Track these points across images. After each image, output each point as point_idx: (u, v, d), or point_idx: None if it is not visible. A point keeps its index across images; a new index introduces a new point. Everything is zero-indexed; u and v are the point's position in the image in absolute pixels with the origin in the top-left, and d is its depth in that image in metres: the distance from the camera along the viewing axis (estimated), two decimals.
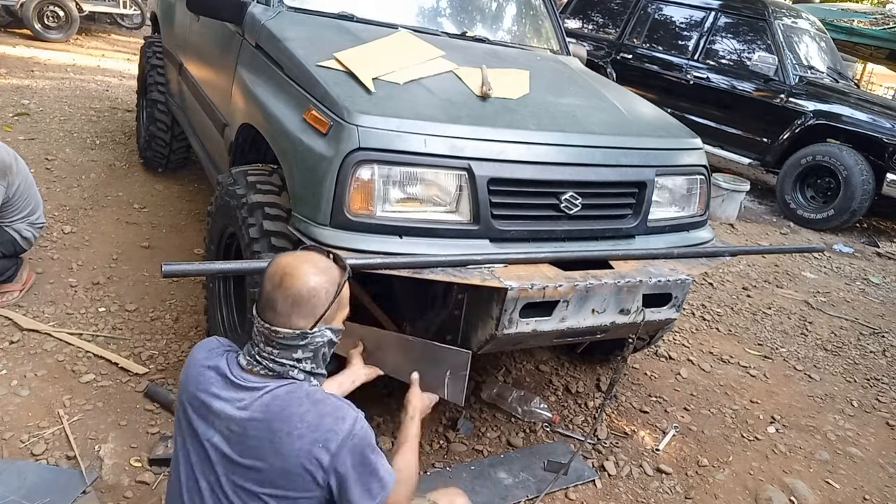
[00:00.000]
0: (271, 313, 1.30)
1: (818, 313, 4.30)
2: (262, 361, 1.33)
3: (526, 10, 3.45)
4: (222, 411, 1.30)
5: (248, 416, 1.28)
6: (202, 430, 1.32)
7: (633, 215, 2.19)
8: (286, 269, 1.31)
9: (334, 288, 1.34)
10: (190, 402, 1.35)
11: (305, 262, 1.33)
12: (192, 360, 1.40)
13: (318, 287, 1.31)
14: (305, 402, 1.29)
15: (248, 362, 1.34)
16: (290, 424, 1.26)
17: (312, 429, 1.26)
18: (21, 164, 2.86)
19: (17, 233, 2.84)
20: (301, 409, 1.28)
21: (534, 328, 1.88)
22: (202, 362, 1.39)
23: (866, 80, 17.99)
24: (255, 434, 1.27)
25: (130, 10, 10.66)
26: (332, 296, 1.33)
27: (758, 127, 6.61)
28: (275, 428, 1.26)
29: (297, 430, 1.25)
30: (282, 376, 1.33)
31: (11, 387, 2.32)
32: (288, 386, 1.31)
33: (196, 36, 3.38)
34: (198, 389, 1.35)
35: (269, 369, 1.32)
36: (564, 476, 2.29)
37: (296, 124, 1.96)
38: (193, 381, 1.36)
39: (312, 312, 1.31)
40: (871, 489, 2.60)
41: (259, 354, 1.33)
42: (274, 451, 1.26)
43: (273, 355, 1.32)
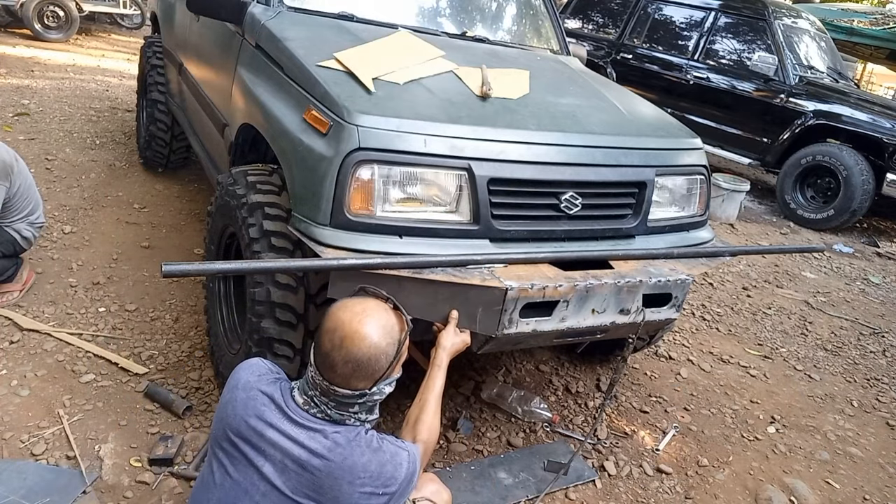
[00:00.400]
0: (330, 373, 1.29)
1: (818, 313, 4.30)
2: (320, 406, 1.32)
3: (526, 10, 3.45)
4: (277, 443, 1.28)
5: (307, 458, 1.27)
6: (252, 455, 1.30)
7: (633, 215, 2.19)
8: (346, 331, 1.27)
9: (395, 349, 1.32)
10: (238, 425, 1.32)
11: (367, 324, 1.29)
12: (239, 382, 1.37)
13: (379, 352, 1.29)
14: (367, 451, 1.30)
15: (306, 402, 1.33)
16: (352, 474, 1.27)
17: (374, 478, 1.28)
18: (21, 165, 2.86)
19: (17, 233, 2.84)
20: (363, 459, 1.28)
21: (534, 328, 1.88)
22: (253, 385, 1.35)
23: (866, 80, 17.99)
24: (313, 476, 1.27)
25: (130, 10, 10.67)
26: (392, 358, 1.32)
27: (758, 127, 6.61)
28: (336, 475, 1.26)
29: (358, 480, 1.27)
30: (339, 423, 1.33)
31: (11, 387, 2.32)
32: (347, 433, 1.31)
33: (196, 36, 3.38)
34: (248, 414, 1.31)
35: (326, 415, 1.32)
36: (564, 476, 2.29)
37: (296, 124, 1.96)
38: (242, 405, 1.33)
39: (372, 376, 1.31)
40: (871, 489, 2.60)
41: (315, 399, 1.32)
42: (332, 497, 1.26)
43: (329, 406, 1.32)
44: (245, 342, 2.12)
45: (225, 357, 2.35)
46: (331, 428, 1.30)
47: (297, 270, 1.88)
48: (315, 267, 1.74)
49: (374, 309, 1.34)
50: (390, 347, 1.31)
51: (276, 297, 1.94)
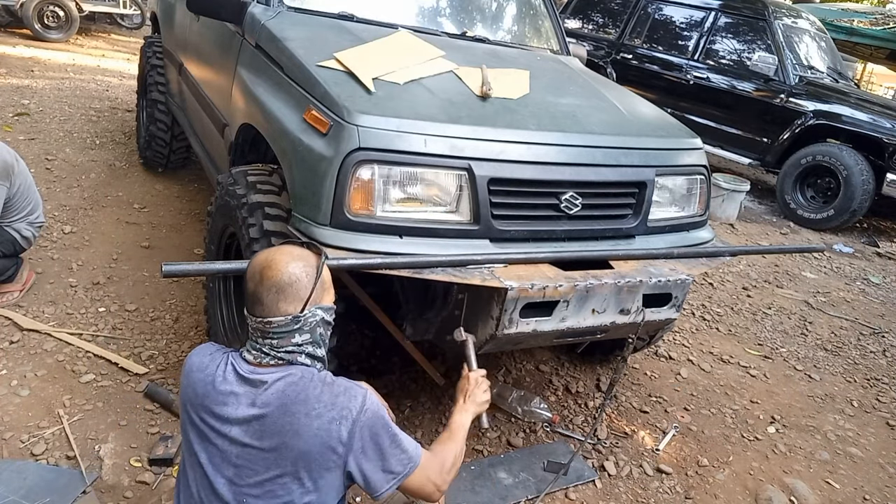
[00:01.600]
0: (259, 307, 1.34)
1: (818, 313, 4.30)
2: (269, 352, 1.36)
3: (526, 10, 3.45)
4: (238, 406, 1.33)
5: (265, 403, 1.32)
6: (218, 426, 1.34)
7: (633, 215, 2.19)
8: (264, 264, 1.35)
9: (314, 270, 1.39)
10: (200, 402, 1.37)
11: (280, 254, 1.38)
12: (193, 366, 1.42)
13: (297, 272, 1.35)
14: (319, 384, 1.35)
15: (256, 356, 1.37)
16: (307, 406, 1.31)
17: (329, 407, 1.32)
18: (22, 165, 2.86)
19: (17, 232, 2.84)
20: (316, 391, 1.33)
21: (534, 328, 1.88)
22: (207, 363, 1.40)
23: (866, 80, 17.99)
24: (274, 419, 1.31)
25: (130, 10, 10.66)
26: (313, 278, 1.38)
27: (758, 127, 6.61)
28: (293, 411, 1.31)
29: (314, 411, 1.31)
30: (291, 363, 1.37)
31: (11, 387, 2.32)
32: (300, 371, 1.36)
33: (196, 36, 3.38)
34: (207, 389, 1.36)
35: (277, 359, 1.36)
36: (564, 476, 2.29)
37: (296, 124, 1.96)
38: (201, 383, 1.38)
39: (297, 296, 1.35)
40: (872, 489, 2.60)
41: (263, 347, 1.37)
42: (294, 432, 1.30)
43: (275, 346, 1.36)
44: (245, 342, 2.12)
45: None
46: (284, 371, 1.35)
47: None
48: None
49: (285, 246, 1.43)
50: (308, 269, 1.37)
51: None
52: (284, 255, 1.37)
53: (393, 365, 2.77)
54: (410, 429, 2.44)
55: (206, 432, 1.36)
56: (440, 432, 2.44)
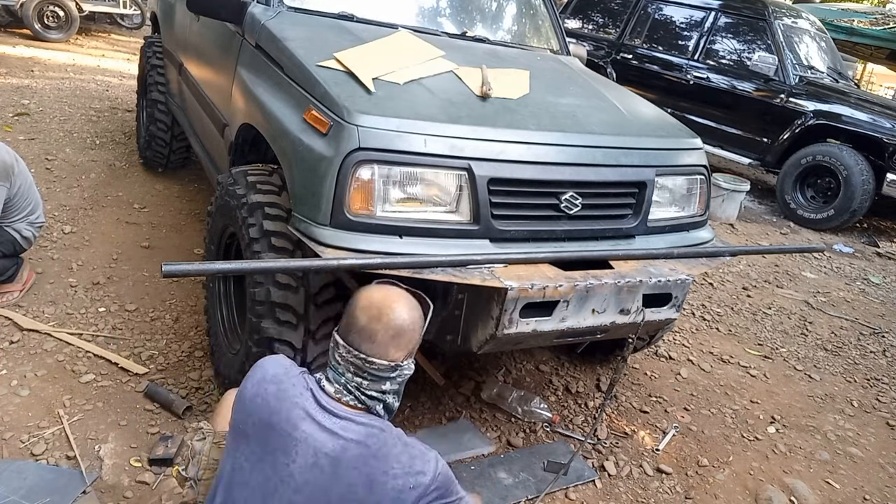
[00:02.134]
0: (368, 344, 1.30)
1: (818, 313, 4.30)
2: (353, 392, 1.32)
3: (526, 10, 3.45)
4: (312, 434, 1.28)
5: (342, 449, 1.27)
6: (283, 448, 1.28)
7: (633, 215, 2.19)
8: (385, 303, 1.32)
9: (423, 322, 1.38)
10: (269, 418, 1.30)
11: (402, 297, 1.36)
12: (267, 374, 1.35)
13: (414, 322, 1.34)
14: (399, 443, 1.32)
15: (337, 390, 1.32)
16: (386, 464, 1.28)
17: (406, 470, 1.29)
18: (22, 165, 2.86)
19: (18, 232, 2.84)
20: (396, 449, 1.30)
21: (534, 328, 1.88)
22: (282, 377, 1.34)
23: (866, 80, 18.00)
24: (348, 466, 1.27)
25: (130, 10, 10.66)
26: (421, 330, 1.37)
27: (758, 127, 6.61)
28: (372, 465, 1.27)
29: (392, 470, 1.28)
30: (369, 411, 1.34)
31: (11, 387, 2.32)
32: (381, 423, 1.32)
33: (196, 36, 3.38)
34: (282, 406, 1.29)
35: (358, 400, 1.32)
36: (564, 476, 2.29)
37: (296, 124, 1.96)
38: (274, 397, 1.31)
39: (408, 346, 1.34)
40: (872, 489, 2.60)
41: (349, 384, 1.32)
42: (367, 485, 1.27)
43: (363, 387, 1.32)
44: (245, 342, 2.12)
45: (225, 357, 2.35)
46: (363, 417, 1.31)
47: (297, 270, 1.88)
48: (315, 267, 1.74)
49: (400, 291, 1.40)
50: (421, 320, 1.37)
51: (276, 297, 1.94)
52: (405, 299, 1.35)
53: None
54: (410, 429, 2.44)
55: (267, 452, 1.29)
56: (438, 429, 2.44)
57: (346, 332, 1.32)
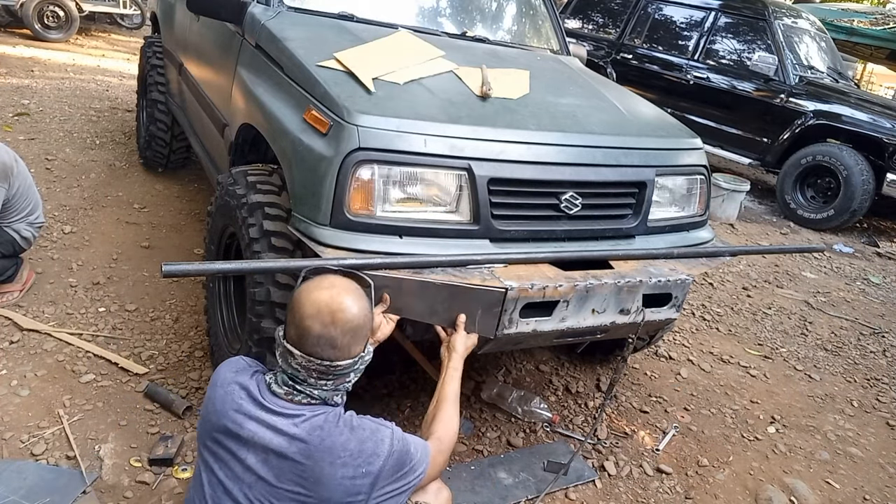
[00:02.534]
0: (330, 350, 1.30)
1: (818, 313, 4.30)
2: (306, 390, 1.32)
3: (526, 10, 3.45)
4: (256, 433, 1.29)
5: (287, 445, 1.28)
6: (234, 449, 1.31)
7: (633, 215, 2.19)
8: (333, 305, 1.29)
9: (371, 307, 1.37)
10: (217, 421, 1.33)
11: (343, 293, 1.32)
12: (219, 379, 1.38)
13: (364, 311, 1.33)
14: (345, 430, 1.31)
15: (287, 392, 1.32)
16: (332, 454, 1.27)
17: (354, 456, 1.28)
18: (21, 166, 2.86)
19: (17, 233, 2.84)
20: (342, 437, 1.30)
21: (534, 328, 1.88)
22: (231, 380, 1.37)
23: (866, 80, 18.00)
24: (295, 461, 1.27)
25: (130, 10, 10.67)
26: (371, 313, 1.36)
27: (758, 127, 6.61)
28: (317, 458, 1.27)
29: (339, 460, 1.27)
30: (325, 402, 1.33)
31: (11, 387, 2.32)
32: (324, 414, 1.31)
33: (196, 36, 3.38)
34: (227, 408, 1.33)
35: (312, 397, 1.32)
36: (564, 476, 2.29)
37: (296, 124, 1.96)
38: (220, 400, 1.34)
39: (365, 335, 1.34)
40: (872, 489, 2.60)
41: (302, 385, 1.32)
42: (315, 479, 1.27)
43: (326, 386, 1.32)
44: (245, 342, 2.12)
45: (225, 357, 2.34)
46: (310, 412, 1.31)
47: (297, 270, 1.87)
48: (315, 267, 1.74)
49: (339, 280, 1.37)
50: (369, 305, 1.37)
51: (276, 297, 1.94)
52: (348, 292, 1.33)
53: (393, 365, 2.76)
54: (410, 429, 2.42)
55: (222, 454, 1.32)
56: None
57: (301, 341, 1.30)
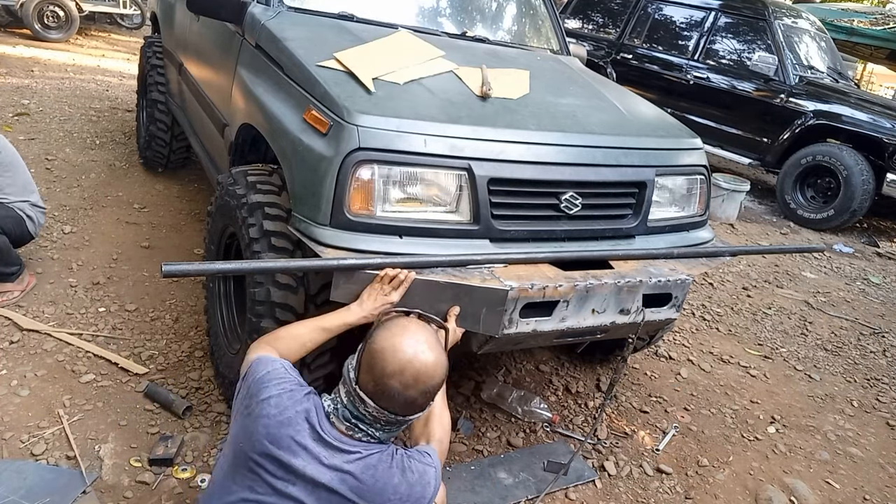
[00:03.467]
0: (406, 408, 1.30)
1: (818, 313, 4.30)
2: (369, 431, 1.31)
3: (526, 10, 3.45)
4: (306, 467, 1.27)
5: (339, 481, 1.27)
6: (279, 474, 1.28)
7: (633, 215, 2.19)
8: (416, 366, 1.28)
9: (445, 359, 1.36)
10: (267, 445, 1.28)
11: (427, 350, 1.30)
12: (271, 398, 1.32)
13: (442, 363, 1.33)
14: (396, 472, 1.31)
15: (349, 428, 1.31)
16: (383, 496, 1.28)
17: (404, 499, 1.29)
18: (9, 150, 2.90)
19: (22, 211, 2.87)
20: (394, 480, 1.30)
21: (534, 328, 1.88)
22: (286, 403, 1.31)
23: (866, 80, 18.00)
24: (345, 498, 1.27)
25: (130, 10, 10.67)
26: (446, 369, 1.36)
27: (758, 127, 6.61)
28: (368, 497, 1.27)
29: (389, 502, 1.28)
30: (381, 442, 1.34)
31: (11, 387, 2.32)
32: (379, 454, 1.31)
33: (196, 36, 3.38)
34: (281, 434, 1.28)
35: (372, 437, 1.32)
36: (564, 476, 2.29)
37: (296, 124, 1.96)
38: (276, 423, 1.29)
39: (437, 390, 1.34)
40: (872, 489, 2.60)
41: (365, 426, 1.31)
42: None
43: (390, 430, 1.33)
44: (245, 342, 2.12)
45: (225, 357, 2.35)
46: (366, 450, 1.30)
47: (297, 270, 1.88)
48: (315, 267, 1.74)
49: (421, 332, 1.34)
50: (444, 354, 1.36)
51: (276, 297, 1.94)
52: (431, 349, 1.31)
53: None
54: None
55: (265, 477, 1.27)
56: None
57: (377, 394, 1.28)
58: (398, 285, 1.69)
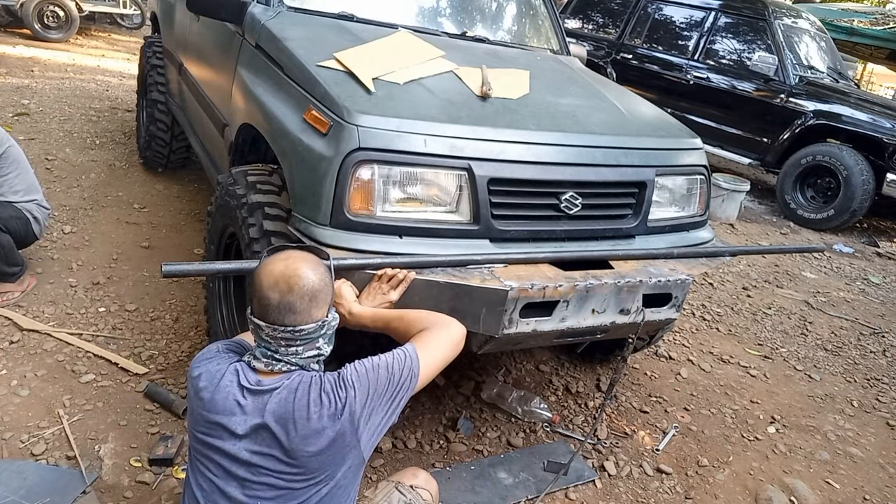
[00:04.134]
0: (291, 316, 1.33)
1: (818, 313, 4.30)
2: (284, 358, 1.35)
3: (526, 10, 3.45)
4: (247, 418, 1.32)
5: (270, 416, 1.31)
6: (227, 437, 1.32)
7: (633, 215, 2.19)
8: (288, 272, 1.33)
9: (330, 275, 1.41)
10: (204, 413, 1.34)
11: (299, 260, 1.36)
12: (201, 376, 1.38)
13: (322, 277, 1.37)
14: (317, 387, 1.34)
15: (267, 363, 1.36)
16: (308, 411, 1.31)
17: (329, 405, 1.32)
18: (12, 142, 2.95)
19: (29, 212, 2.88)
20: (314, 394, 1.33)
21: (534, 328, 1.88)
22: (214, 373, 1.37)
23: (866, 80, 18.00)
24: (272, 433, 1.30)
25: (130, 10, 10.67)
26: (332, 282, 1.40)
27: (758, 127, 6.61)
28: (295, 418, 1.30)
29: (315, 415, 1.31)
30: (304, 368, 1.38)
31: (11, 387, 2.32)
32: (299, 375, 1.35)
33: (196, 36, 3.38)
34: (216, 405, 1.34)
35: (290, 364, 1.36)
36: (564, 476, 2.29)
37: (296, 124, 1.96)
38: (210, 399, 1.34)
39: (325, 300, 1.37)
40: (872, 489, 2.60)
41: (283, 357, 1.35)
42: (301, 438, 1.30)
43: (298, 353, 1.36)
44: None
45: None
46: (287, 380, 1.34)
47: None
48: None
49: (294, 252, 1.40)
50: (328, 273, 1.39)
51: None
52: (303, 261, 1.36)
53: None
54: (410, 429, 2.44)
55: (212, 442, 1.33)
56: (440, 432, 2.44)
57: (264, 312, 1.34)
58: (397, 284, 1.72)
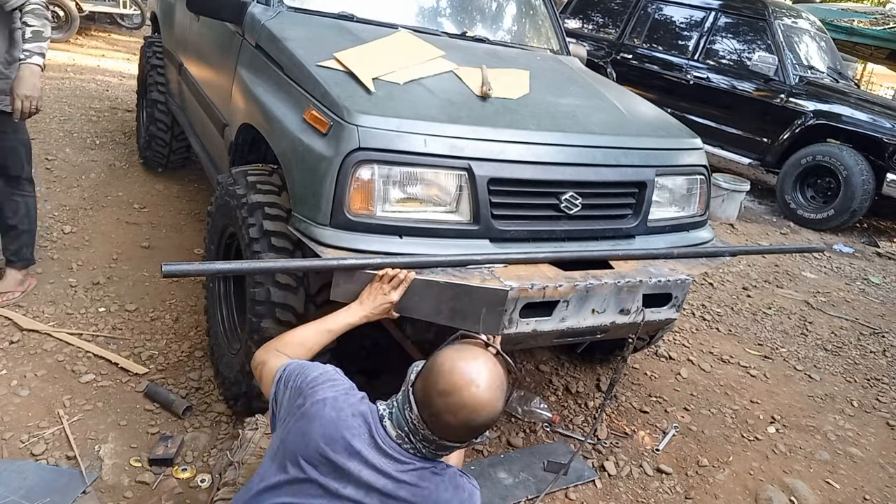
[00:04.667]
0: (444, 433, 1.26)
1: (818, 313, 4.30)
2: (415, 444, 1.29)
3: (526, 10, 3.45)
4: (361, 470, 1.25)
5: (394, 489, 1.25)
6: (330, 476, 1.25)
7: (633, 215, 2.19)
8: (465, 396, 1.23)
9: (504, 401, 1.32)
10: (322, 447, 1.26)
11: (485, 388, 1.25)
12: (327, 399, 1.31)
13: (496, 414, 1.28)
14: (450, 488, 1.30)
15: (399, 436, 1.29)
16: None
17: None
18: None
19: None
20: (446, 494, 1.29)
21: (534, 328, 1.88)
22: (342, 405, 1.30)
23: (866, 80, 18.00)
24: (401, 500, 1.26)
25: (130, 10, 10.66)
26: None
27: (758, 127, 6.61)
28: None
29: None
30: (428, 459, 1.31)
31: (11, 387, 2.32)
32: (432, 467, 1.30)
33: (196, 36, 3.38)
34: (336, 437, 1.26)
35: (419, 452, 1.29)
36: (564, 476, 2.29)
37: (296, 124, 1.96)
38: (332, 425, 1.27)
39: (480, 429, 1.30)
40: (872, 489, 2.60)
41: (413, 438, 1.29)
42: None
43: (429, 449, 1.30)
44: (245, 342, 2.12)
45: (225, 357, 2.35)
46: (418, 462, 1.29)
47: (297, 270, 1.88)
48: (315, 267, 1.74)
49: (486, 366, 1.28)
50: (502, 402, 1.30)
51: (276, 297, 1.94)
52: (490, 390, 1.25)
53: (393, 365, 2.76)
54: None
55: (314, 478, 1.25)
56: None
57: (422, 404, 1.25)
58: (398, 285, 1.72)
